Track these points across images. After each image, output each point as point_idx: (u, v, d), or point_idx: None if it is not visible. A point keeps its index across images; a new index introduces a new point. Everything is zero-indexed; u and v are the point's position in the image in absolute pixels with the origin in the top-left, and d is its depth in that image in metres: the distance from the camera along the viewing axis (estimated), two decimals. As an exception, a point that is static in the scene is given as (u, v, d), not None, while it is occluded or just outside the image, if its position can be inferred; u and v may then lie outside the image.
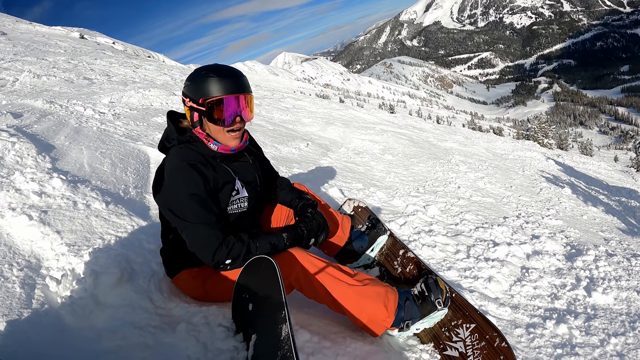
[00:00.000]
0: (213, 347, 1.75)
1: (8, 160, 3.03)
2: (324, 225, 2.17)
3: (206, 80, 1.87)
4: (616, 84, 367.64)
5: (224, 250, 1.81)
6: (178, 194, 1.83)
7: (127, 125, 5.55)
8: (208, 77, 1.87)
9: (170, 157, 1.94)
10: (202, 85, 1.87)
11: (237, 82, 1.91)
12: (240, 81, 1.92)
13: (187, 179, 1.83)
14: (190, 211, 1.82)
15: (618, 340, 2.48)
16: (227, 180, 1.98)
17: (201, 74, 1.89)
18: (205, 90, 1.86)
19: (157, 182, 1.93)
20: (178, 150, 1.95)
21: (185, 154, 1.92)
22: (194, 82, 1.91)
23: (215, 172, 1.94)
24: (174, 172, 1.86)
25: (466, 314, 1.99)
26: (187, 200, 1.81)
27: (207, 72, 1.89)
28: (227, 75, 1.89)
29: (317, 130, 9.81)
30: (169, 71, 16.63)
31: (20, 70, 9.73)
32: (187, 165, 1.85)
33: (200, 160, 1.91)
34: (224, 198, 1.97)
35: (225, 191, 1.97)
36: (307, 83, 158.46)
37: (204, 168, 1.89)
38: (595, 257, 3.71)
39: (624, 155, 52.87)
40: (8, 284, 1.89)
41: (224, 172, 1.99)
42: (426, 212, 4.52)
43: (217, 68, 1.92)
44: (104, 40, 43.10)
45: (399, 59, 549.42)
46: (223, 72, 1.90)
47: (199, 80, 1.89)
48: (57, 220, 2.44)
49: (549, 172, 10.67)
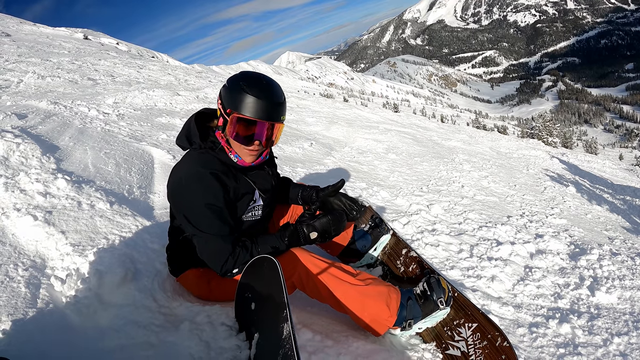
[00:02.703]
0: (216, 345, 1.76)
1: (13, 161, 3.05)
2: (333, 225, 1.97)
3: (240, 93, 1.77)
4: (621, 81, 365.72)
5: (231, 261, 1.83)
6: (195, 201, 1.80)
7: (131, 126, 5.57)
8: (243, 91, 1.77)
9: (190, 160, 1.89)
10: (234, 96, 1.78)
11: (270, 106, 1.79)
12: (274, 107, 1.81)
13: (206, 188, 1.79)
14: (205, 220, 1.80)
15: (621, 339, 2.47)
16: (247, 191, 1.96)
17: (238, 84, 1.79)
18: (236, 102, 1.77)
19: (174, 183, 1.89)
20: (200, 155, 1.89)
21: (207, 160, 1.86)
22: (230, 89, 1.81)
23: (237, 182, 1.90)
24: (193, 178, 1.80)
25: (468, 313, 1.99)
26: (203, 210, 1.79)
27: (244, 84, 1.79)
28: (263, 97, 1.77)
29: (321, 129, 9.81)
30: (172, 71, 16.66)
31: (25, 71, 9.78)
32: (209, 174, 1.79)
33: (222, 170, 1.85)
34: (242, 207, 1.96)
35: (244, 201, 1.96)
36: (311, 82, 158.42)
37: (225, 178, 1.84)
38: (599, 256, 3.69)
39: (629, 153, 52.51)
40: (13, 284, 1.90)
41: (244, 183, 1.95)
42: (429, 211, 4.52)
43: (257, 83, 1.80)
44: (108, 40, 43.24)
45: (402, 57, 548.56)
46: (260, 90, 1.78)
47: (234, 89, 1.79)
48: (62, 220, 2.46)
49: (553, 171, 10.63)
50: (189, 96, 9.73)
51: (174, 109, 8.01)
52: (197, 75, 16.94)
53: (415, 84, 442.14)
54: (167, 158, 4.28)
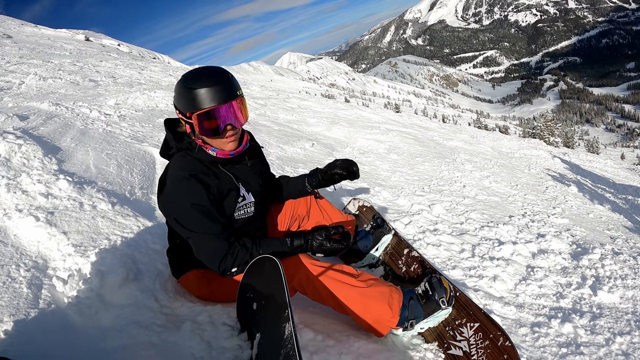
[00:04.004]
0: (217, 345, 1.76)
1: (15, 162, 3.06)
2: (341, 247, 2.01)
3: (189, 93, 1.75)
4: (622, 81, 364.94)
5: (230, 259, 1.83)
6: (181, 204, 1.81)
7: (133, 127, 5.58)
8: (190, 88, 1.75)
9: (171, 168, 1.90)
10: (186, 98, 1.77)
11: (221, 89, 1.76)
12: (225, 87, 1.78)
13: (190, 190, 1.80)
14: (194, 221, 1.81)
15: (623, 339, 2.46)
16: (230, 187, 1.95)
17: (184, 85, 1.77)
18: (190, 103, 1.76)
19: (161, 191, 1.91)
20: (177, 159, 1.89)
21: (185, 163, 1.86)
22: (179, 94, 1.80)
23: (218, 179, 1.90)
24: (176, 182, 1.81)
25: (470, 313, 1.99)
26: (190, 211, 1.79)
27: (188, 82, 1.76)
28: (210, 84, 1.74)
29: (323, 130, 9.81)
30: (174, 72, 16.67)
31: (26, 73, 9.80)
32: (189, 175, 1.79)
33: (201, 169, 1.85)
34: (230, 205, 1.96)
35: (231, 198, 1.95)
36: (312, 83, 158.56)
37: (205, 177, 1.84)
38: (601, 256, 3.68)
39: (631, 152, 52.51)
40: (15, 285, 1.91)
41: (226, 179, 1.94)
42: (431, 211, 4.51)
43: (199, 76, 1.78)
44: (109, 42, 43.27)
45: (404, 58, 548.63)
46: (205, 80, 1.76)
47: (183, 93, 1.78)
48: (64, 221, 2.46)
49: (555, 171, 10.60)
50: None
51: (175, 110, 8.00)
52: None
53: (416, 84, 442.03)
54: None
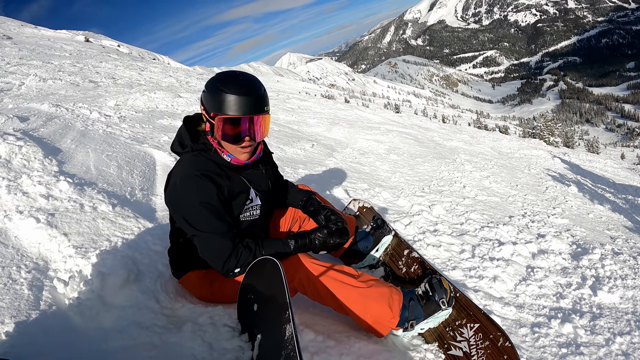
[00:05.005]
0: (218, 346, 1.77)
1: (15, 163, 3.06)
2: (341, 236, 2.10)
3: (219, 94, 1.77)
4: (622, 80, 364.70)
5: (233, 260, 1.84)
6: (190, 202, 1.82)
7: (133, 128, 5.58)
8: (221, 91, 1.77)
9: (183, 164, 1.91)
10: (215, 98, 1.79)
11: (250, 100, 1.79)
12: (254, 100, 1.80)
13: (200, 188, 1.81)
14: (202, 219, 1.82)
15: (623, 339, 2.47)
16: (241, 190, 1.97)
17: (216, 86, 1.79)
18: (217, 105, 1.78)
19: (169, 188, 1.92)
20: (191, 158, 1.91)
21: (198, 162, 1.88)
22: (209, 92, 1.82)
23: (230, 181, 1.92)
24: (187, 180, 1.83)
25: (470, 313, 1.99)
26: (199, 209, 1.81)
27: (222, 85, 1.78)
28: (242, 93, 1.77)
29: (323, 130, 9.81)
30: (174, 73, 16.70)
31: (26, 74, 9.81)
32: (201, 174, 1.81)
33: (215, 170, 1.87)
34: (238, 206, 1.97)
35: (240, 200, 1.97)
36: (312, 83, 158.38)
37: (218, 178, 1.86)
38: (601, 256, 3.68)
39: (631, 152, 52.45)
40: (16, 286, 1.91)
41: (239, 182, 1.97)
42: (431, 211, 4.52)
43: (233, 81, 1.79)
44: (109, 43, 43.31)
45: (403, 58, 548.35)
46: (238, 87, 1.77)
47: (213, 92, 1.80)
48: (64, 222, 2.46)
49: (555, 171, 10.61)
50: (190, 98, 9.75)
51: (175, 111, 8.02)
52: (198, 77, 16.98)
53: (416, 84, 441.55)
54: (169, 160, 4.28)
